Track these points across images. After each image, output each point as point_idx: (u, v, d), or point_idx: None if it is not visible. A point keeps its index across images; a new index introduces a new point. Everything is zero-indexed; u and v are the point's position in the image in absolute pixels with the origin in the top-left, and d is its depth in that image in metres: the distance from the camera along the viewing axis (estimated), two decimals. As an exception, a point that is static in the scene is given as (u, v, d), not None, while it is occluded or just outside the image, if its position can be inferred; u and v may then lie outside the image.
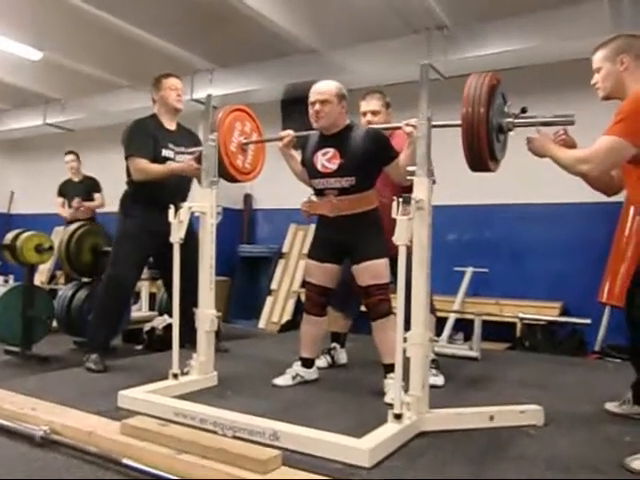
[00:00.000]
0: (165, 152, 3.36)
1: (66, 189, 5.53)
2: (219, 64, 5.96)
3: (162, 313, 4.67)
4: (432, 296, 2.46)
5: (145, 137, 3.33)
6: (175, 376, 2.68)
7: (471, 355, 3.76)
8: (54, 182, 5.61)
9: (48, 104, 7.35)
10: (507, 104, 2.33)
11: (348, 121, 2.84)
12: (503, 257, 5.21)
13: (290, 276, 6.10)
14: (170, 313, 2.99)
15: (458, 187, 4.30)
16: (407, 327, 2.16)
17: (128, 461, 1.81)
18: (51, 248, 4.16)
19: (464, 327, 4.53)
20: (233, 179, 3.16)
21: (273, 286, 6.12)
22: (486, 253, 5.25)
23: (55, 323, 4.26)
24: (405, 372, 2.14)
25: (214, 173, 2.90)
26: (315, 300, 2.91)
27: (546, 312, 4.56)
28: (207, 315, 2.86)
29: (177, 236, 2.66)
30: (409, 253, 2.14)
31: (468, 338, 4.15)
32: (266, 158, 3.37)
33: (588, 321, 3.90)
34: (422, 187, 2.20)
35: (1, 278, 6.47)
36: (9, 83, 6.56)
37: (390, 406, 2.12)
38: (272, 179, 4.07)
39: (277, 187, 5.05)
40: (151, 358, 3.66)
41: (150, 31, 5.02)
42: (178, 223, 2.66)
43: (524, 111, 2.28)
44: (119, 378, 2.91)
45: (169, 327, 3.13)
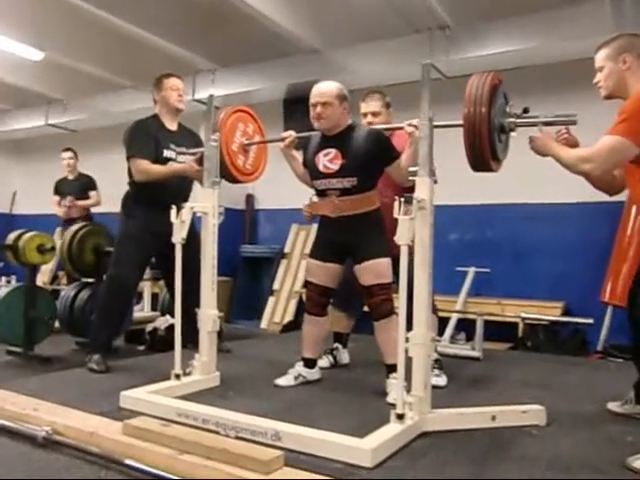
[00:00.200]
0: (167, 153, 3.36)
1: (61, 187, 5.50)
2: (221, 64, 5.97)
3: (164, 313, 4.68)
4: (434, 296, 2.46)
5: (146, 138, 3.32)
6: (177, 376, 2.68)
7: (473, 355, 3.75)
8: (56, 183, 5.62)
9: (50, 105, 7.36)
10: (509, 104, 2.33)
11: (350, 121, 2.84)
12: (505, 257, 5.20)
13: (292, 276, 6.10)
14: (172, 313, 2.98)
15: (460, 187, 4.29)
16: (409, 327, 2.16)
17: (130, 461, 1.81)
18: (53, 248, 4.15)
19: (466, 327, 4.52)
20: (235, 180, 3.15)
21: (275, 286, 6.12)
22: (488, 253, 5.24)
23: (57, 324, 4.25)
24: (407, 372, 2.14)
25: (216, 174, 2.90)
26: (316, 300, 2.91)
27: (548, 312, 4.55)
28: (209, 315, 2.86)
29: (179, 236, 2.66)
30: (411, 253, 2.14)
31: (470, 338, 4.15)
32: (268, 158, 3.37)
33: (590, 321, 3.88)
34: (424, 187, 2.20)
35: (3, 279, 6.47)
36: (10, 83, 6.55)
37: (392, 406, 2.12)
38: (274, 179, 4.06)
39: (279, 187, 5.05)
40: (153, 358, 3.66)
41: (152, 31, 5.02)
42: (180, 223, 2.66)
43: (526, 111, 2.28)
44: (121, 378, 2.91)
45: (171, 327, 3.13)
